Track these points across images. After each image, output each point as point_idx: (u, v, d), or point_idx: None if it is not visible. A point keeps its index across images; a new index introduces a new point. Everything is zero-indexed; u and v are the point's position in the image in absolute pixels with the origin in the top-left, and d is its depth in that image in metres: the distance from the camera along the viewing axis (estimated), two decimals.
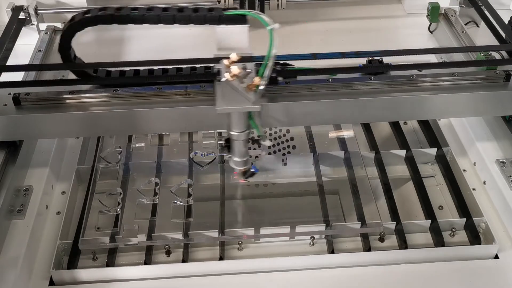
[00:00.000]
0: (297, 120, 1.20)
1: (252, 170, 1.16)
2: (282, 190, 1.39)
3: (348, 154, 1.37)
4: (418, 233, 1.22)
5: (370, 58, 1.26)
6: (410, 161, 1.37)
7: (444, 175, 1.35)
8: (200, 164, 1.35)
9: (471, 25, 1.66)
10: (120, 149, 1.36)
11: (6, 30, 1.47)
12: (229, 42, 1.14)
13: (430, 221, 1.21)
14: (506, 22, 1.43)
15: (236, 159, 1.14)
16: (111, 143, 1.37)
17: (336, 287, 1.11)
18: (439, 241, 1.18)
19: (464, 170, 1.34)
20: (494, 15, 1.46)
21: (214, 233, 1.18)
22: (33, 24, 1.61)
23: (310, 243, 1.20)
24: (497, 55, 1.32)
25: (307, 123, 1.35)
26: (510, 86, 1.21)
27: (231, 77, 1.02)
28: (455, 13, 1.60)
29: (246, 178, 1.17)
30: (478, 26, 1.66)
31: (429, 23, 1.64)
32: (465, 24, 1.59)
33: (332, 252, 1.18)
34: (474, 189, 1.28)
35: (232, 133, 1.09)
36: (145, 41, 1.66)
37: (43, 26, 1.59)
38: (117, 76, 1.22)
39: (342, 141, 1.41)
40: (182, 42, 1.65)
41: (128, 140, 1.39)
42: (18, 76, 1.31)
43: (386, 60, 1.26)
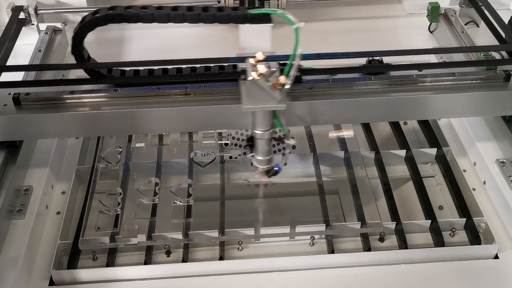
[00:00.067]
0: (299, 120, 1.20)
1: (276, 169, 1.15)
2: (282, 190, 1.38)
3: (348, 154, 1.37)
4: (418, 233, 1.22)
5: (370, 58, 1.26)
6: (410, 161, 1.37)
7: (444, 175, 1.35)
8: (200, 164, 1.35)
9: (471, 25, 1.66)
10: (120, 149, 1.35)
11: (6, 30, 1.47)
12: (251, 41, 1.15)
13: (430, 221, 1.21)
14: (506, 22, 1.43)
15: (259, 157, 1.14)
16: (111, 143, 1.37)
17: (336, 287, 1.11)
18: (439, 241, 1.18)
19: (464, 170, 1.34)
20: (494, 15, 1.46)
21: (214, 233, 1.18)
22: (33, 24, 1.61)
23: (310, 243, 1.20)
24: (497, 55, 1.32)
25: (308, 123, 1.34)
26: (510, 86, 1.21)
27: (258, 76, 1.02)
28: (455, 13, 1.60)
29: (270, 176, 1.17)
30: (478, 26, 1.66)
31: (429, 23, 1.64)
32: (465, 24, 1.59)
33: (332, 252, 1.18)
34: (474, 189, 1.28)
35: (256, 131, 1.09)
36: (145, 41, 1.66)
37: (43, 26, 1.59)
38: (136, 76, 1.21)
39: (342, 141, 1.41)
40: (182, 42, 1.65)
41: (128, 140, 1.39)
42: (18, 76, 1.31)
43: (386, 60, 1.26)
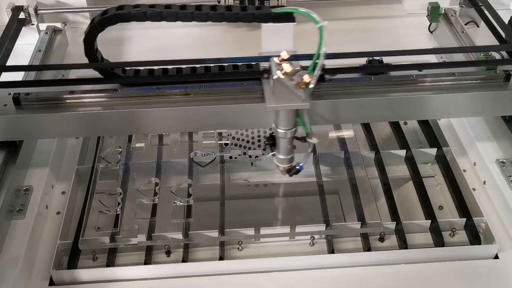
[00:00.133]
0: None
1: (298, 168, 1.15)
2: (282, 190, 1.39)
3: (348, 154, 1.37)
4: (418, 233, 1.22)
5: (370, 58, 1.26)
6: (410, 161, 1.37)
7: (444, 175, 1.35)
8: (200, 164, 1.35)
9: (471, 25, 1.66)
10: (120, 149, 1.35)
11: (6, 30, 1.47)
12: (274, 40, 1.14)
13: (430, 221, 1.21)
14: (506, 22, 1.43)
15: (281, 156, 1.14)
16: (111, 143, 1.37)
17: (336, 287, 1.11)
18: (439, 241, 1.18)
19: (464, 170, 1.34)
20: (494, 15, 1.46)
21: (214, 233, 1.18)
22: (33, 24, 1.61)
23: (310, 243, 1.20)
24: (497, 55, 1.32)
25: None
26: (510, 86, 1.20)
27: (282, 74, 1.02)
28: (455, 13, 1.60)
29: (291, 175, 1.16)
30: (478, 26, 1.66)
31: (429, 23, 1.64)
32: (465, 24, 1.59)
33: (332, 252, 1.18)
34: (474, 189, 1.28)
35: (279, 130, 1.09)
36: (145, 41, 1.66)
37: (43, 26, 1.59)
38: (160, 75, 1.20)
39: (342, 141, 1.41)
40: (182, 42, 1.65)
41: (128, 140, 1.39)
42: (18, 76, 1.31)
43: (386, 60, 1.26)
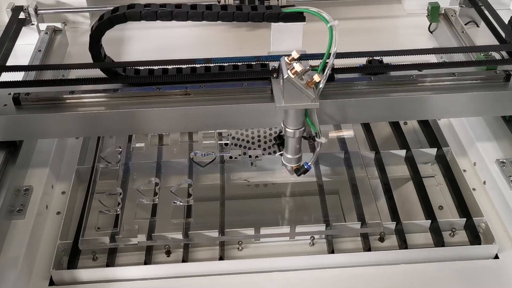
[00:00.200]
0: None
1: (306, 167, 1.14)
2: (282, 190, 1.39)
3: (348, 154, 1.37)
4: (418, 233, 1.22)
5: (370, 58, 1.26)
6: (410, 161, 1.37)
7: (444, 175, 1.35)
8: (200, 164, 1.35)
9: (471, 25, 1.66)
10: (120, 149, 1.36)
11: (6, 30, 1.47)
12: (283, 39, 1.15)
13: (430, 221, 1.21)
14: (506, 22, 1.43)
15: (289, 156, 1.14)
16: (111, 143, 1.37)
17: (336, 287, 1.11)
18: (439, 241, 1.18)
19: (464, 170, 1.34)
20: (494, 15, 1.46)
21: (214, 233, 1.18)
22: (33, 24, 1.61)
23: (310, 243, 1.20)
24: (497, 55, 1.32)
25: None
26: (510, 86, 1.21)
27: (293, 74, 1.02)
28: (455, 13, 1.60)
29: (299, 175, 1.16)
30: (478, 26, 1.66)
31: (429, 23, 1.64)
32: (465, 24, 1.59)
33: (332, 252, 1.18)
34: (474, 189, 1.28)
35: (287, 130, 1.09)
36: (145, 41, 1.66)
37: (43, 26, 1.59)
38: (163, 74, 1.20)
39: (342, 141, 1.41)
40: (182, 42, 1.65)
41: (128, 140, 1.39)
42: (18, 76, 1.31)
43: (386, 60, 1.26)
